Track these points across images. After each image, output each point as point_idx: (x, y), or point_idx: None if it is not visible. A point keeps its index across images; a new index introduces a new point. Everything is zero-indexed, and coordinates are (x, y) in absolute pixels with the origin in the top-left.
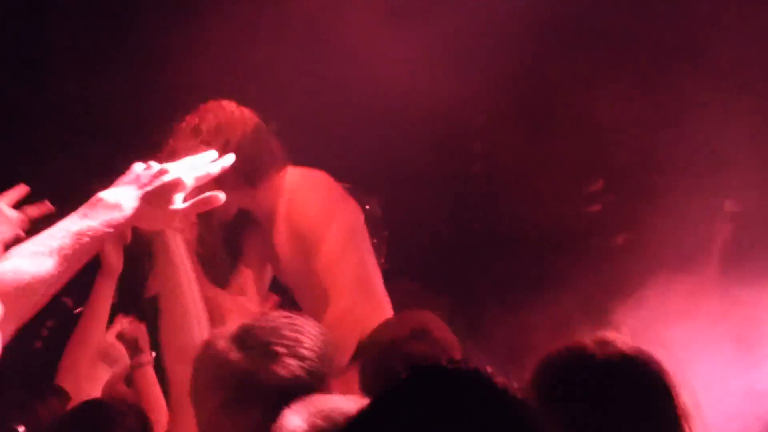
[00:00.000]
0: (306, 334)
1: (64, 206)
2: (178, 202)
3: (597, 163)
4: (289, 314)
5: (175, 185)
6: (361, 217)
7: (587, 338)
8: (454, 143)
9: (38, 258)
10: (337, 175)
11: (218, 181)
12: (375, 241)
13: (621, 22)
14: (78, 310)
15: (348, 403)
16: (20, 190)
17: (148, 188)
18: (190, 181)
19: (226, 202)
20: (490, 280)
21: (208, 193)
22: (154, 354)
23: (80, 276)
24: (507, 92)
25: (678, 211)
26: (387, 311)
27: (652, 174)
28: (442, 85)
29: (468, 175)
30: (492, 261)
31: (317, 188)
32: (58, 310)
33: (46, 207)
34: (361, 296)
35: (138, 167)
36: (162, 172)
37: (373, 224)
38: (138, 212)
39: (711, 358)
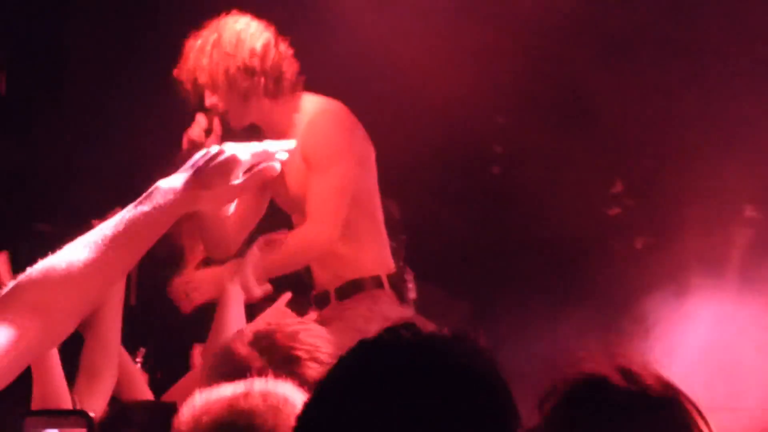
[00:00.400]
0: (322, 340)
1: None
2: (228, 179)
3: (618, 166)
4: (304, 321)
5: (230, 162)
6: (372, 153)
7: (607, 365)
8: (473, 145)
9: (89, 248)
10: None
11: (238, 90)
12: (394, 244)
13: (644, 24)
14: None
15: None
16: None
17: (198, 172)
18: (246, 157)
19: (242, 110)
20: (510, 283)
21: (263, 165)
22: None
23: None
24: (527, 93)
25: (699, 216)
26: (372, 254)
27: (673, 178)
28: (460, 85)
29: (488, 176)
30: (512, 264)
31: (334, 117)
32: None
33: None
34: (331, 228)
35: (198, 154)
36: (218, 153)
37: (391, 227)
38: (194, 194)
39: (731, 364)
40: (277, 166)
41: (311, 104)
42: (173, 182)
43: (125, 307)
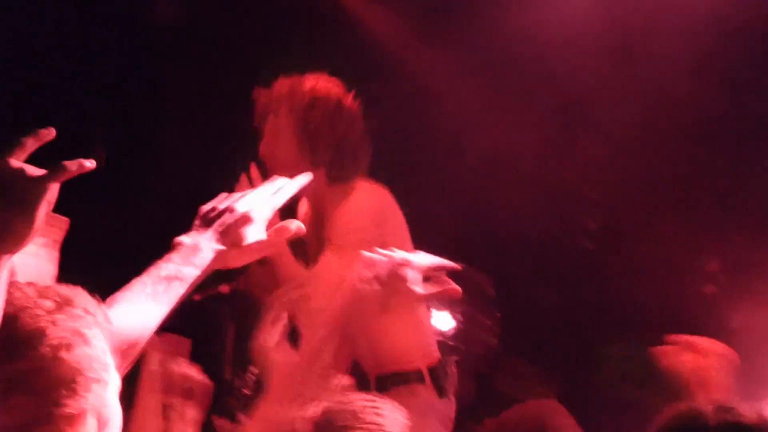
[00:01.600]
0: (387, 418)
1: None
2: (252, 236)
3: (713, 244)
4: (371, 397)
5: (242, 221)
6: (407, 236)
7: (705, 403)
8: (567, 221)
9: (157, 304)
10: (451, 253)
11: (307, 150)
12: (487, 321)
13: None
14: None
15: None
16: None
17: (219, 229)
18: (262, 214)
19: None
20: (603, 362)
21: (283, 223)
22: None
23: None
24: (621, 170)
25: None
26: (415, 344)
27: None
28: (555, 162)
29: (581, 253)
30: (603, 342)
31: (372, 204)
32: None
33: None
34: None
35: (204, 208)
36: (229, 210)
37: (486, 305)
38: (225, 253)
39: None
40: (299, 225)
41: (357, 185)
42: (195, 239)
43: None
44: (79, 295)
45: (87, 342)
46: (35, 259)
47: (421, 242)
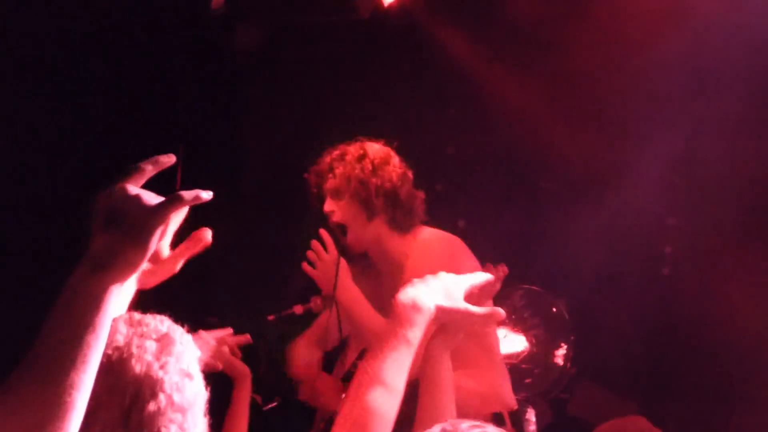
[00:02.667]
0: None
1: None
2: (165, 251)
3: None
4: (479, 423)
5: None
6: None
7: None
8: (643, 245)
9: None
10: (526, 277)
11: (366, 210)
12: (561, 344)
13: None
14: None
15: None
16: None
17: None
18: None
19: (362, 230)
20: (677, 386)
21: (197, 232)
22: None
23: None
24: (698, 195)
25: None
26: (494, 389)
27: None
28: (632, 187)
29: (657, 277)
30: (680, 368)
31: (451, 254)
32: None
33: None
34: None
35: None
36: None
37: (559, 327)
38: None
39: None
40: (208, 234)
41: (427, 235)
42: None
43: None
44: (172, 329)
45: (192, 378)
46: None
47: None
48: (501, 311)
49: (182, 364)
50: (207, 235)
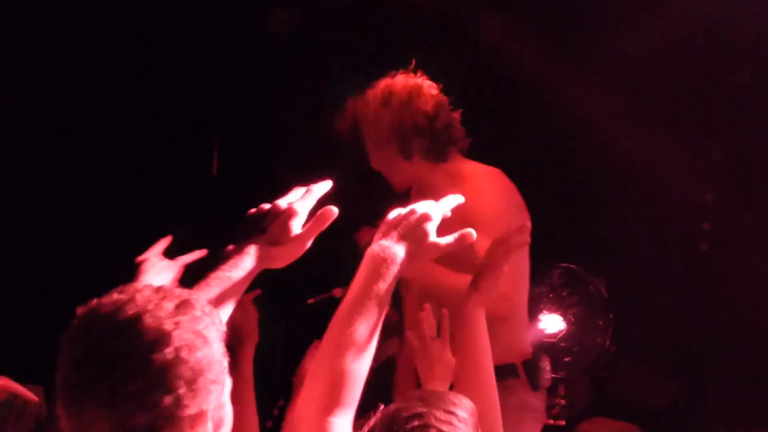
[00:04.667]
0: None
1: None
2: (297, 229)
3: None
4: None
5: (288, 215)
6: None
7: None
8: (682, 222)
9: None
10: (564, 256)
11: (402, 150)
12: (601, 323)
13: None
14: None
15: None
16: (166, 241)
17: (269, 230)
18: (302, 208)
19: (404, 170)
20: (718, 363)
21: (323, 210)
22: None
23: None
24: (736, 171)
25: None
26: (512, 338)
27: None
28: (671, 164)
29: (696, 254)
30: (720, 346)
31: (502, 182)
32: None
33: (200, 254)
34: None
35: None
36: (275, 209)
37: (598, 305)
38: (266, 253)
39: None
40: (334, 210)
41: (472, 168)
42: (244, 245)
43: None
44: (196, 298)
45: (208, 343)
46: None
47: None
48: (470, 231)
49: (197, 326)
50: (333, 212)
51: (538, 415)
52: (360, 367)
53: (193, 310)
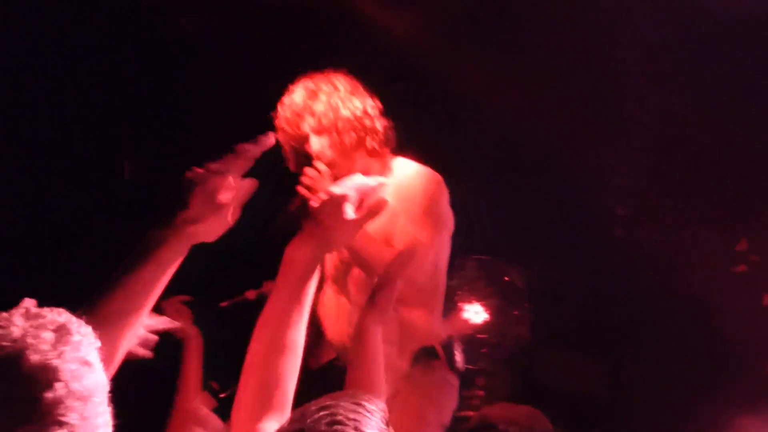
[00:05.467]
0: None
1: None
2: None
3: (742, 223)
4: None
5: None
6: (451, 232)
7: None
8: (595, 207)
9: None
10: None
11: (349, 139)
12: (516, 312)
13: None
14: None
15: None
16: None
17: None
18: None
19: (348, 163)
20: (635, 346)
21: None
22: None
23: None
24: (649, 154)
25: None
26: (432, 323)
27: None
28: (585, 149)
29: (610, 239)
30: (638, 327)
31: (436, 183)
32: None
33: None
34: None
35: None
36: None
37: (514, 296)
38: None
39: None
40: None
41: (406, 166)
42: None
43: None
44: (70, 320)
45: (92, 367)
46: None
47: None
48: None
49: (80, 353)
50: (254, 184)
51: (455, 393)
52: (288, 368)
53: (71, 335)
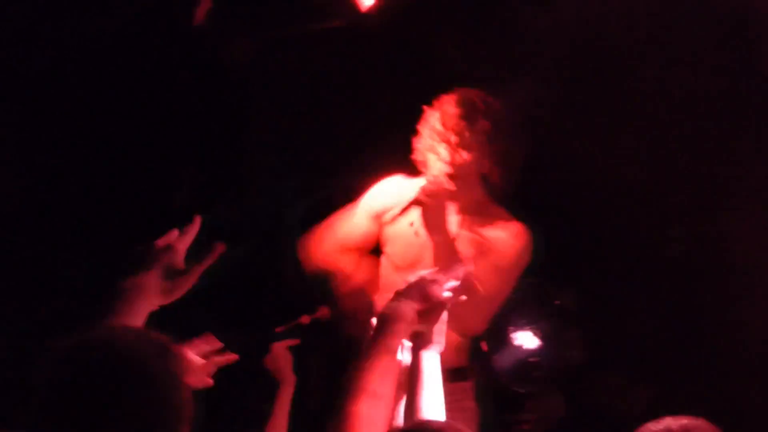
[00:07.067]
0: None
1: None
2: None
3: None
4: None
5: (173, 252)
6: None
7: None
8: (651, 228)
9: None
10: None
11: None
12: (567, 335)
13: None
14: None
15: None
16: (210, 341)
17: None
18: (182, 246)
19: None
20: (694, 371)
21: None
22: None
23: None
24: (703, 174)
25: None
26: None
27: None
28: (637, 168)
29: (667, 260)
30: (693, 351)
31: (523, 241)
32: None
33: (231, 357)
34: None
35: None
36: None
37: (567, 319)
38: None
39: None
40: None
41: (501, 214)
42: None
43: None
44: (169, 342)
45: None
46: None
47: None
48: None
49: (179, 369)
50: (221, 248)
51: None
52: (377, 413)
53: (173, 354)
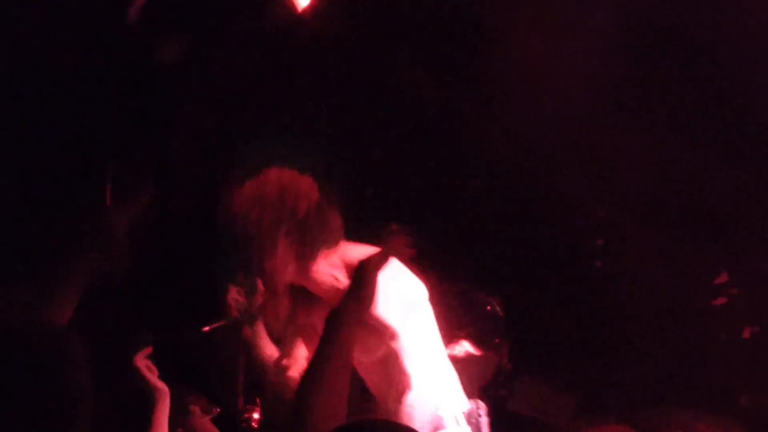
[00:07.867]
0: None
1: None
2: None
3: (723, 256)
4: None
5: None
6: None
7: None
8: (575, 238)
9: None
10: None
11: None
12: (497, 341)
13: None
14: None
15: None
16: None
17: None
18: None
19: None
20: (614, 378)
21: None
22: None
23: None
24: (628, 187)
25: None
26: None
27: None
28: (562, 179)
29: (590, 270)
30: (616, 361)
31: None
32: None
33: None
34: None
35: None
36: None
37: (494, 325)
38: None
39: None
40: None
41: (353, 252)
42: None
43: None
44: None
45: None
46: None
47: (431, 264)
48: None
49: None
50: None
51: None
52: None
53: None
